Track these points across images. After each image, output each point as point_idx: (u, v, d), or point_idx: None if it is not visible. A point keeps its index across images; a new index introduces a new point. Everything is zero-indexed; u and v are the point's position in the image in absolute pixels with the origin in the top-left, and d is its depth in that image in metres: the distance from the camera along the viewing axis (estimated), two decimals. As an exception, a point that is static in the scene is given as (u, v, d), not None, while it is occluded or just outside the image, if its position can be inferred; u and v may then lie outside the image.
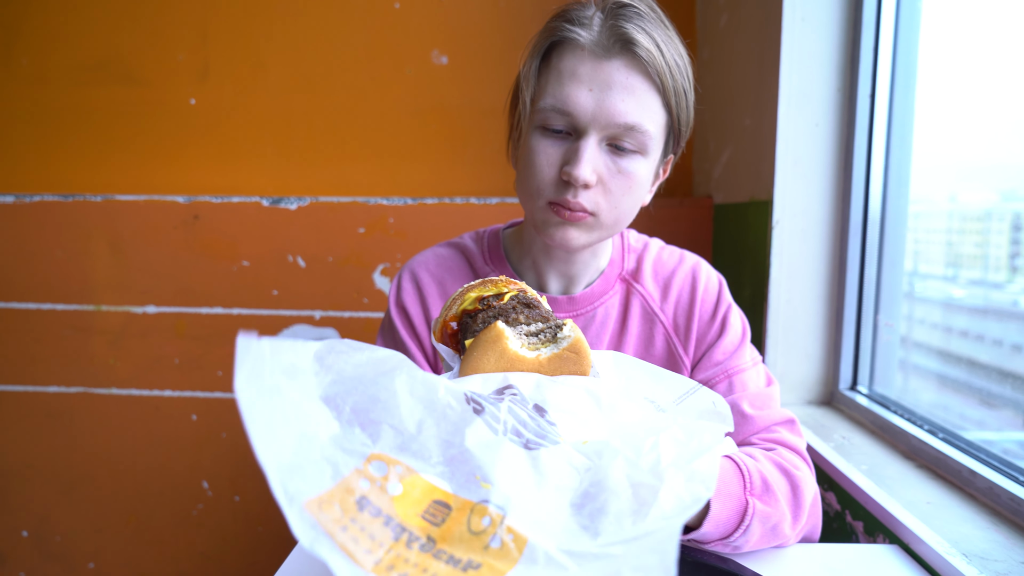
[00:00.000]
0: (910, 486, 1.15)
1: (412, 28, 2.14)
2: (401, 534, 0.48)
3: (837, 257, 1.60)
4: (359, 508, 0.48)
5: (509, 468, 0.54)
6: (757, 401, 1.01)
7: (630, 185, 0.93)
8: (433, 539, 0.49)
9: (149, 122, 2.20)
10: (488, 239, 1.14)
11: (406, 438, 0.54)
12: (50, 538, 2.27)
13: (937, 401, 1.57)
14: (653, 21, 0.91)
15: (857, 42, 1.52)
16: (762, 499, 0.85)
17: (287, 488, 0.46)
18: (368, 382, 0.56)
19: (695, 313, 1.06)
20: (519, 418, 0.59)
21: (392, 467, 0.52)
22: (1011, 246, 1.41)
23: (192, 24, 2.15)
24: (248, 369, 0.50)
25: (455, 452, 0.54)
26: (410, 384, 0.57)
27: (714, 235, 2.03)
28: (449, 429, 0.55)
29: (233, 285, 2.13)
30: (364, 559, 0.45)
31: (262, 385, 0.51)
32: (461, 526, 0.50)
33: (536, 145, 0.94)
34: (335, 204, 2.08)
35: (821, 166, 1.58)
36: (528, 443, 0.57)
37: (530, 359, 0.68)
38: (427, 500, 0.51)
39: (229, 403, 2.17)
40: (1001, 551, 0.92)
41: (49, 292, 2.16)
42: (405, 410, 0.56)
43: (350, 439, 0.53)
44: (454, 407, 0.57)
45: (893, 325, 1.56)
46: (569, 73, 0.90)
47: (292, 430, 0.50)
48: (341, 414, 0.54)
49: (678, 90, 0.93)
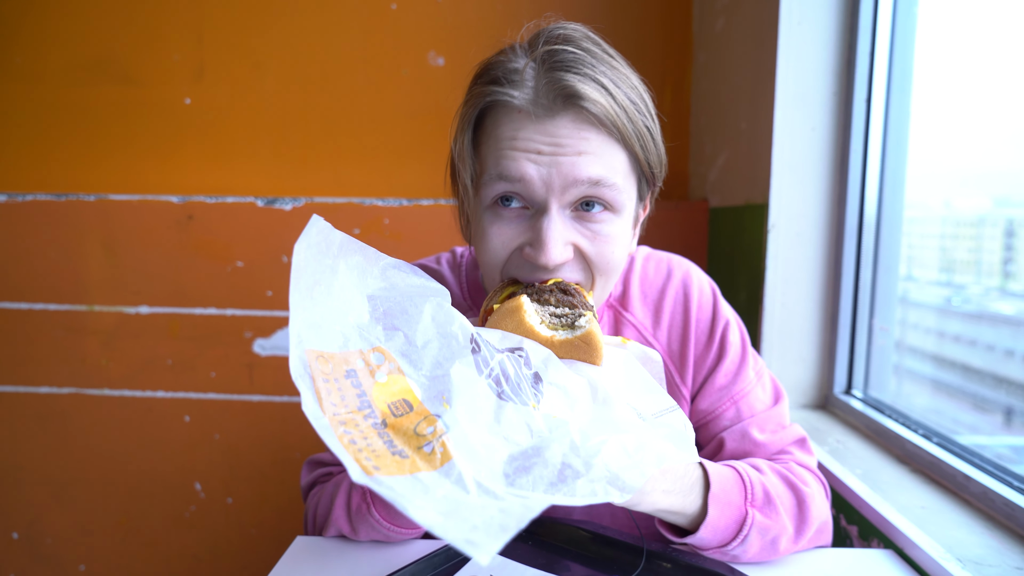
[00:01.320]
0: (904, 491, 1.15)
1: (409, 29, 2.14)
2: (365, 407, 0.57)
3: (832, 261, 1.60)
4: (346, 375, 0.58)
5: (472, 403, 0.61)
6: (767, 424, 0.98)
7: (611, 248, 0.81)
8: (386, 423, 0.57)
9: (144, 122, 2.19)
10: (467, 268, 1.05)
11: (411, 347, 0.64)
12: (41, 540, 2.26)
13: (930, 405, 1.58)
14: (594, 59, 0.78)
15: (853, 46, 1.52)
16: (763, 511, 0.85)
17: (301, 334, 0.57)
18: (406, 297, 0.66)
19: (690, 337, 1.00)
20: (506, 371, 0.65)
21: (388, 362, 0.62)
22: (1004, 252, 1.42)
23: (187, 24, 2.15)
24: (314, 242, 0.61)
25: (440, 372, 0.63)
26: (435, 311, 0.66)
27: (710, 239, 2.03)
28: (446, 354, 0.64)
29: (227, 286, 2.12)
30: (327, 407, 0.55)
31: (322, 259, 0.62)
32: (411, 424, 0.58)
33: (489, 229, 0.81)
34: (330, 205, 2.08)
35: (817, 170, 1.58)
36: (502, 393, 0.64)
37: (543, 336, 0.72)
38: (399, 396, 0.60)
39: (222, 404, 2.16)
40: (995, 556, 0.92)
41: (41, 292, 2.14)
42: (421, 327, 0.65)
43: (371, 330, 0.63)
44: (459, 340, 0.65)
45: (888, 329, 1.56)
46: (510, 140, 0.77)
47: (329, 302, 0.61)
48: (375, 311, 0.64)
49: (640, 131, 0.80)
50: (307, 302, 0.59)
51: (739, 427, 0.98)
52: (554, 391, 0.68)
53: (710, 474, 0.84)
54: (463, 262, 1.06)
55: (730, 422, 0.99)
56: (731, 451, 0.98)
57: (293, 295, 0.57)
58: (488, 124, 0.81)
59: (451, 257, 1.08)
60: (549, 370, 0.69)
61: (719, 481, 0.84)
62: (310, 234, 0.61)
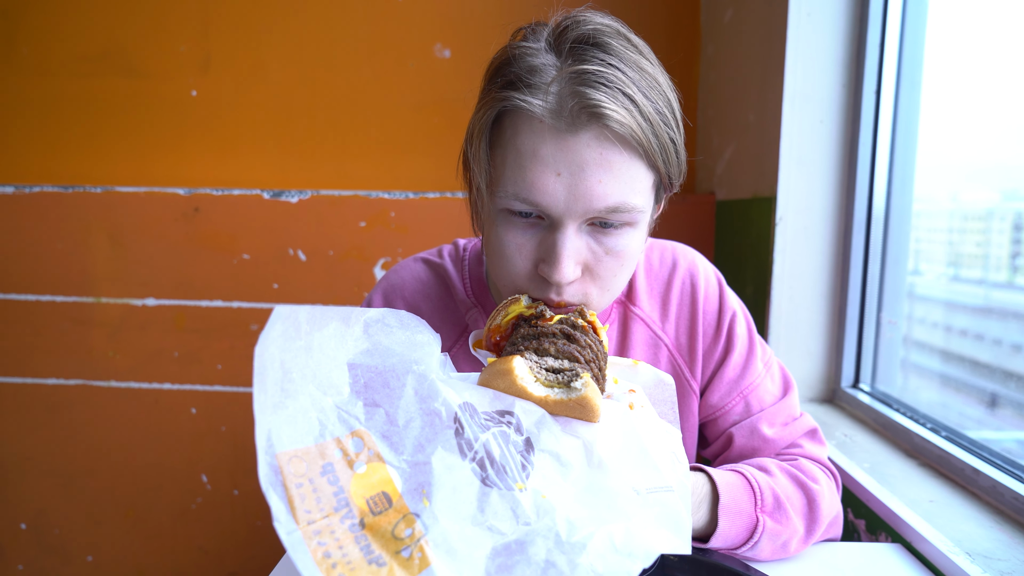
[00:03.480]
0: (913, 484, 1.15)
1: (415, 21, 2.13)
2: (342, 507, 0.55)
3: (840, 255, 1.60)
4: (322, 472, 0.55)
5: (453, 494, 0.59)
6: (776, 418, 0.97)
7: (621, 264, 0.79)
8: (364, 523, 0.55)
9: (150, 114, 2.19)
10: (470, 264, 1.02)
11: (392, 427, 0.61)
12: (48, 531, 2.27)
13: (938, 400, 1.57)
14: (623, 63, 0.74)
15: (863, 39, 1.51)
16: (773, 516, 0.85)
17: (270, 438, 0.54)
18: (388, 368, 0.63)
19: (698, 327, 0.98)
20: (491, 453, 0.62)
21: (367, 448, 0.59)
22: (1012, 245, 1.41)
23: (194, 16, 2.14)
24: (277, 334, 0.57)
25: (421, 459, 0.60)
26: (418, 384, 0.63)
27: (716, 232, 2.02)
28: (428, 435, 0.61)
29: (233, 278, 2.12)
30: (301, 516, 0.52)
31: (290, 346, 0.58)
32: (389, 525, 0.56)
33: (504, 236, 0.78)
34: (336, 198, 2.08)
35: (825, 163, 1.57)
36: (486, 479, 0.61)
37: (537, 396, 0.67)
38: (379, 488, 0.57)
39: (229, 396, 2.16)
40: (1005, 550, 0.91)
41: (48, 284, 2.15)
42: (403, 403, 0.62)
43: (351, 407, 0.60)
44: (442, 418, 0.62)
45: (896, 323, 1.55)
46: (530, 154, 0.73)
47: (304, 387, 0.58)
48: (355, 383, 0.61)
49: (664, 145, 0.76)
50: (277, 398, 0.56)
51: (748, 423, 0.97)
52: (546, 459, 0.65)
53: (718, 485, 0.84)
54: (466, 256, 1.03)
55: (739, 417, 0.98)
56: (740, 447, 0.97)
57: (258, 398, 0.54)
58: (507, 128, 0.76)
59: (453, 250, 1.05)
60: (542, 434, 0.66)
61: (728, 491, 0.84)
62: (273, 328, 0.57)
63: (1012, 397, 1.35)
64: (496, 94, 0.76)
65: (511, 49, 0.78)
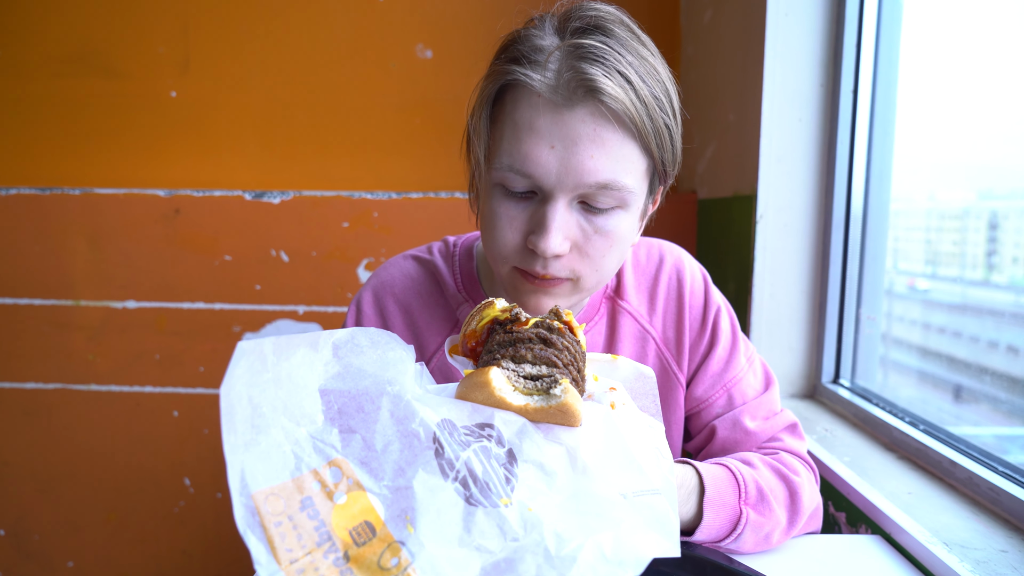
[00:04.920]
0: (892, 477, 1.16)
1: (396, 21, 2.13)
2: (325, 542, 0.54)
3: (820, 252, 1.62)
4: (300, 508, 0.54)
5: (438, 518, 0.58)
6: (758, 411, 0.99)
7: (610, 244, 0.82)
8: (348, 556, 0.54)
9: (129, 115, 2.17)
10: (460, 258, 1.04)
11: (370, 452, 0.59)
12: (28, 537, 2.24)
13: (916, 396, 1.59)
14: (623, 47, 0.77)
15: (840, 38, 1.53)
16: (756, 508, 0.86)
17: (244, 478, 0.53)
18: (361, 391, 0.62)
19: (685, 321, 1.01)
20: (474, 471, 0.61)
21: (346, 478, 0.57)
22: (988, 244, 1.43)
23: (173, 16, 2.13)
24: (242, 371, 0.56)
25: (402, 483, 0.58)
26: (393, 405, 0.62)
27: (698, 230, 2.04)
28: (408, 458, 0.60)
29: (215, 280, 2.11)
30: (283, 555, 0.51)
31: (257, 380, 0.57)
32: (375, 556, 0.54)
33: (497, 208, 0.82)
34: (319, 198, 2.07)
35: (804, 161, 1.59)
36: (470, 497, 0.60)
37: (516, 405, 0.66)
38: (361, 518, 0.56)
39: (211, 399, 2.15)
40: (981, 539, 0.93)
41: (26, 287, 2.12)
42: (380, 427, 0.60)
43: (326, 435, 0.59)
44: (421, 439, 0.60)
45: (875, 319, 1.58)
46: (526, 127, 0.76)
47: (275, 421, 0.56)
48: (329, 409, 0.60)
49: (658, 129, 0.79)
50: (249, 436, 0.55)
51: (730, 415, 0.99)
52: (530, 470, 0.65)
53: (704, 477, 0.85)
54: (456, 251, 1.05)
55: (722, 410, 1.00)
56: (722, 439, 0.99)
57: (227, 438, 0.53)
58: (507, 102, 0.80)
59: (443, 247, 1.06)
60: (524, 444, 0.66)
61: (713, 483, 0.85)
62: (237, 365, 0.56)
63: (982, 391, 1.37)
64: (500, 67, 0.80)
65: (521, 30, 0.82)
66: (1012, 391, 1.28)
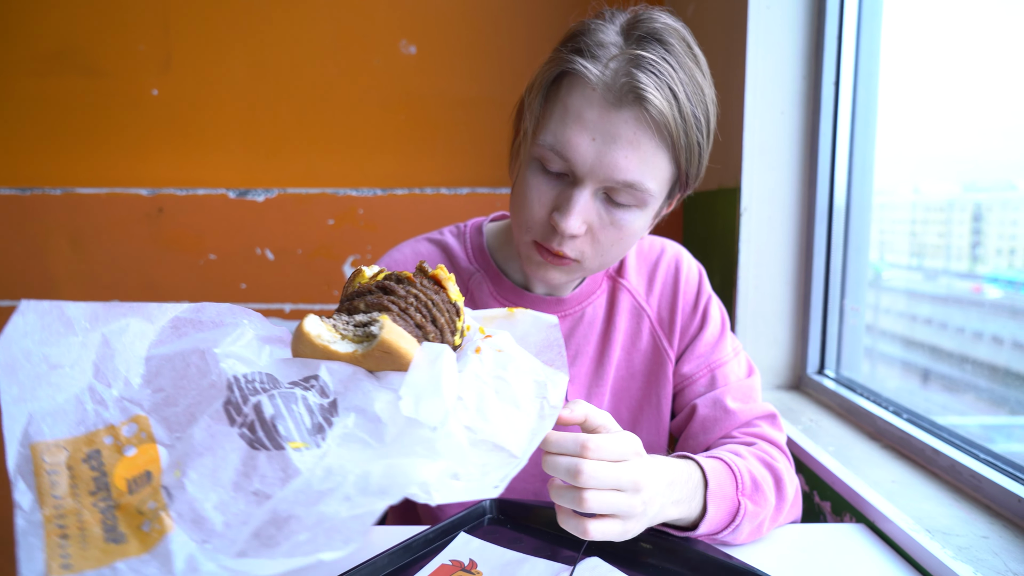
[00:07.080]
0: (876, 466, 1.17)
1: (380, 17, 2.12)
2: (99, 491, 0.53)
3: (804, 244, 1.62)
4: (85, 459, 0.54)
5: (213, 462, 0.55)
6: (739, 394, 1.02)
7: (621, 237, 0.89)
8: (118, 504, 0.52)
9: (110, 113, 2.15)
10: (470, 235, 1.10)
11: (171, 408, 0.59)
12: (11, 540, 2.22)
13: (902, 387, 1.61)
14: (678, 63, 0.82)
15: (822, 30, 1.53)
16: (752, 499, 0.87)
17: (29, 425, 0.53)
18: (178, 352, 0.61)
19: (678, 304, 1.07)
20: (263, 413, 0.58)
21: (140, 432, 0.57)
22: (972, 236, 1.44)
23: (153, 13, 2.11)
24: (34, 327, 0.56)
25: (189, 432, 0.57)
26: (199, 360, 0.61)
27: (684, 224, 2.04)
28: (202, 408, 0.58)
29: (200, 279, 2.09)
30: (48, 501, 0.51)
31: (61, 341, 0.57)
32: (141, 501, 0.53)
33: (531, 180, 0.88)
34: (303, 196, 2.06)
35: (787, 154, 1.60)
36: (255, 442, 0.57)
37: (344, 353, 0.63)
38: (143, 468, 0.55)
39: (197, 399, 2.13)
40: (962, 526, 0.94)
41: (8, 288, 2.10)
42: (186, 383, 0.60)
43: (137, 396, 0.59)
44: (216, 387, 0.59)
45: (859, 309, 1.59)
46: (575, 115, 0.83)
47: (77, 380, 0.57)
48: (148, 372, 0.60)
49: (691, 145, 0.85)
50: (37, 391, 0.55)
51: (712, 395, 1.02)
52: (351, 417, 0.60)
53: (706, 471, 0.85)
54: (466, 230, 1.12)
55: (704, 389, 1.04)
56: (702, 417, 1.02)
57: (7, 390, 0.53)
58: (563, 87, 0.85)
59: (454, 229, 1.13)
60: (350, 393, 0.62)
61: (715, 476, 0.85)
62: (24, 320, 0.56)
63: (964, 380, 1.38)
64: (564, 55, 0.85)
65: (589, 22, 0.88)
66: (994, 380, 1.29)
